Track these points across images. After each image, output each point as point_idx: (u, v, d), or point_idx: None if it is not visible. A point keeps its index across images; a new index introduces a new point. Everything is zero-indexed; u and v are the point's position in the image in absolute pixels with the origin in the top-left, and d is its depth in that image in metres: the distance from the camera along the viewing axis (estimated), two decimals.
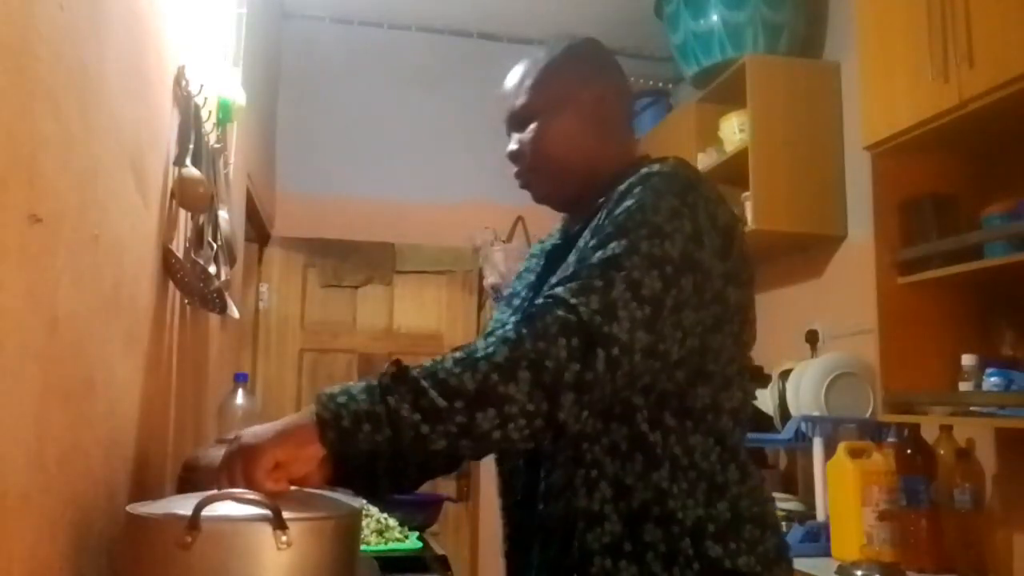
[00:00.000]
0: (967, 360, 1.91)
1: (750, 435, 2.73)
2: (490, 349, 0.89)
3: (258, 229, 3.34)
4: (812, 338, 2.81)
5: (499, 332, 0.92)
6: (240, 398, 1.82)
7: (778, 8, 2.90)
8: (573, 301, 0.91)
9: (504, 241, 3.80)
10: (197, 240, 1.55)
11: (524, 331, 0.90)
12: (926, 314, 2.04)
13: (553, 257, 1.19)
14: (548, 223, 4.24)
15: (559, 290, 0.93)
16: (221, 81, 1.78)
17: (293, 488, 0.95)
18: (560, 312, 0.90)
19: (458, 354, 0.92)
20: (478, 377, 0.88)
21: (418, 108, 3.89)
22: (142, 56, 1.24)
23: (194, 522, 0.84)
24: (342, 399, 0.90)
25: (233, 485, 0.89)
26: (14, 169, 0.77)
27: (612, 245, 0.96)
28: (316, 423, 0.88)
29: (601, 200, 1.09)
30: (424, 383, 0.89)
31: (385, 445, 0.88)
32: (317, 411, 0.89)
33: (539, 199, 1.26)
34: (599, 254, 0.96)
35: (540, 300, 0.94)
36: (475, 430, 0.87)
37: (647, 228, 0.97)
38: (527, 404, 0.87)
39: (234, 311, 1.69)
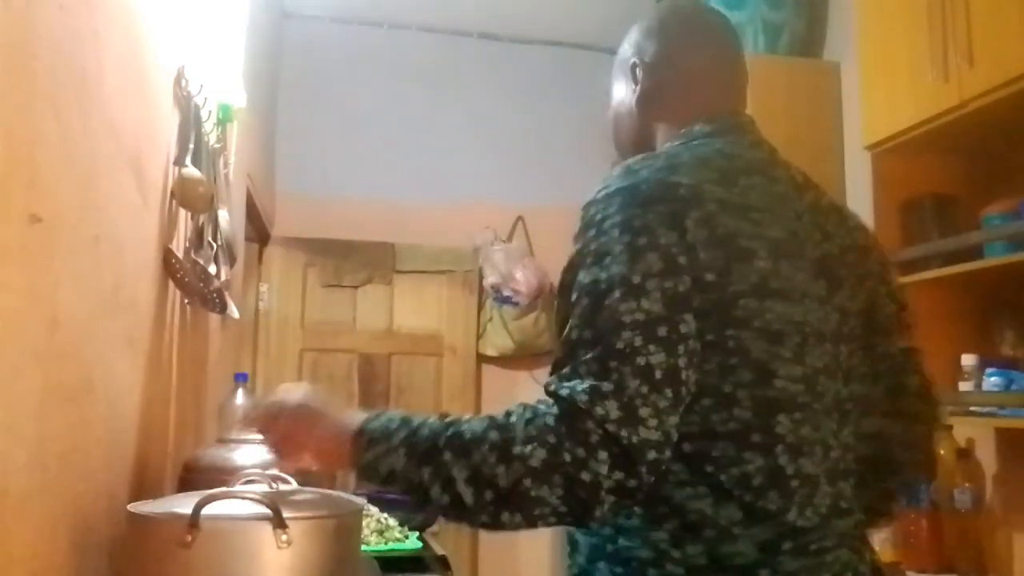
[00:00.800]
0: (967, 360, 1.90)
1: None
2: (527, 448, 0.81)
3: (258, 229, 3.34)
4: None
5: (540, 418, 0.83)
6: (240, 398, 1.82)
7: (778, 8, 2.90)
8: (598, 412, 0.80)
9: (504, 241, 3.80)
10: (197, 240, 1.55)
11: (563, 433, 0.81)
12: (926, 314, 2.04)
13: None
14: (548, 223, 4.27)
15: (579, 395, 0.81)
16: (221, 81, 1.78)
17: (293, 488, 0.95)
18: (590, 424, 0.80)
19: (494, 436, 0.83)
20: (512, 477, 0.81)
21: (418, 108, 3.89)
22: (142, 56, 1.24)
23: (194, 521, 0.84)
24: (381, 448, 0.89)
25: (264, 433, 0.99)
26: (14, 169, 0.77)
27: (592, 323, 0.84)
28: (354, 458, 0.91)
29: None
30: (456, 469, 0.84)
31: (412, 503, 0.89)
32: (358, 451, 0.90)
33: None
34: (587, 336, 0.84)
35: (572, 393, 0.82)
36: (497, 525, 0.84)
37: (618, 288, 0.84)
38: (560, 507, 0.81)
39: (234, 311, 1.69)
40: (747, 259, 0.88)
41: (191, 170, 1.38)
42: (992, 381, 1.83)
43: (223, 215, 1.70)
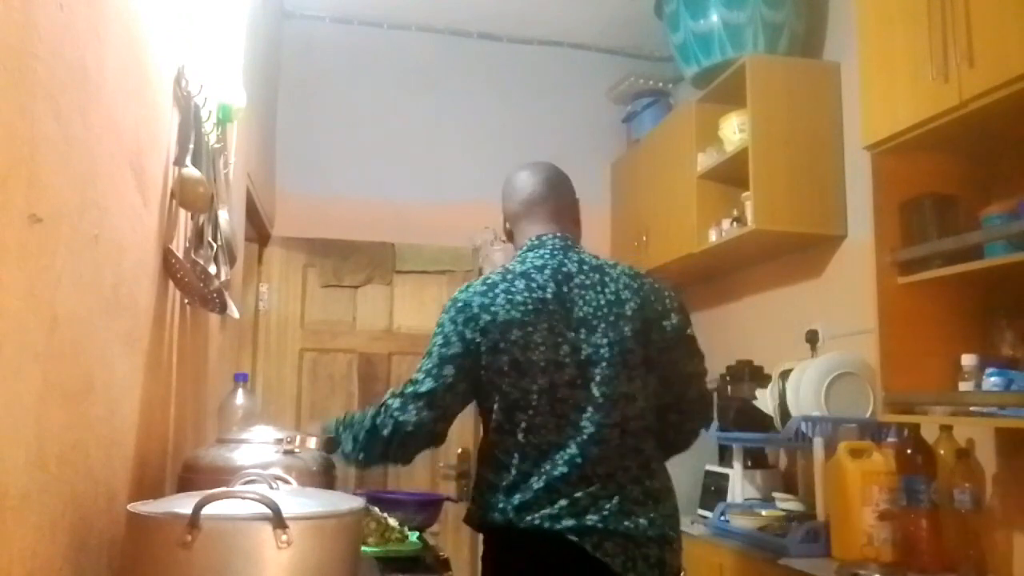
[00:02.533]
0: (967, 360, 1.90)
1: (751, 435, 2.72)
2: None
3: (258, 229, 3.34)
4: (812, 338, 2.81)
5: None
6: (240, 398, 1.82)
7: (778, 8, 2.90)
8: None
9: (504, 241, 3.80)
10: (197, 240, 1.55)
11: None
12: (926, 314, 2.04)
13: None
14: None
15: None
16: (221, 81, 1.78)
17: (293, 488, 0.95)
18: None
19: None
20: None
21: (418, 108, 3.89)
22: (142, 56, 1.24)
23: (194, 521, 0.84)
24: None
25: None
26: (14, 169, 0.77)
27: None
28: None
29: None
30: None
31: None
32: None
33: None
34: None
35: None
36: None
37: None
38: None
39: (234, 311, 1.69)
40: (487, 332, 1.59)
41: (191, 170, 1.38)
42: (992, 381, 1.83)
43: (223, 215, 1.70)
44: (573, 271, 1.66)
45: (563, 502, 1.52)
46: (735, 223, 2.89)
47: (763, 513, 2.54)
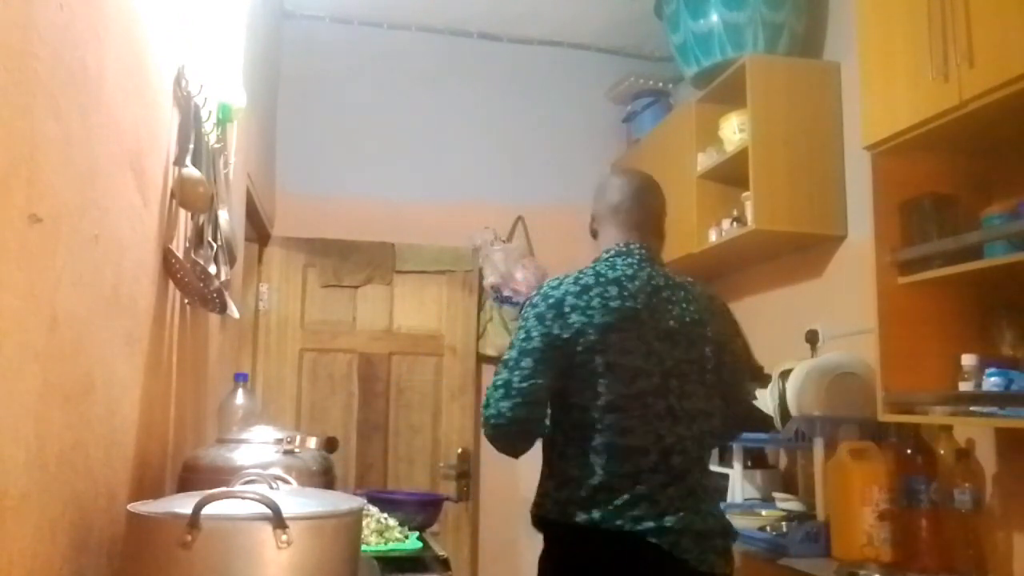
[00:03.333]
0: (967, 360, 1.90)
1: (751, 435, 2.73)
2: None
3: (258, 229, 3.34)
4: (812, 338, 2.81)
5: None
6: (240, 398, 1.82)
7: (778, 8, 2.89)
8: None
9: (504, 241, 3.80)
10: (197, 240, 1.55)
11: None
12: (926, 314, 2.04)
13: None
14: (548, 224, 4.27)
15: None
16: (221, 81, 1.78)
17: (293, 488, 0.95)
18: None
19: None
20: None
21: (418, 108, 3.89)
22: (142, 56, 1.24)
23: (194, 521, 0.84)
24: None
25: None
26: (14, 169, 0.77)
27: None
28: None
29: None
30: None
31: None
32: None
33: None
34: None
35: None
36: None
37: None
38: None
39: (234, 311, 1.69)
40: (583, 333, 1.66)
41: (191, 170, 1.38)
42: (992, 381, 1.83)
43: (223, 215, 1.70)
44: (661, 284, 1.75)
45: (645, 504, 1.62)
46: (735, 223, 2.89)
47: (763, 513, 2.54)
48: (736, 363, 1.80)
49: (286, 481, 1.09)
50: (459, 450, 3.61)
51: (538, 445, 1.76)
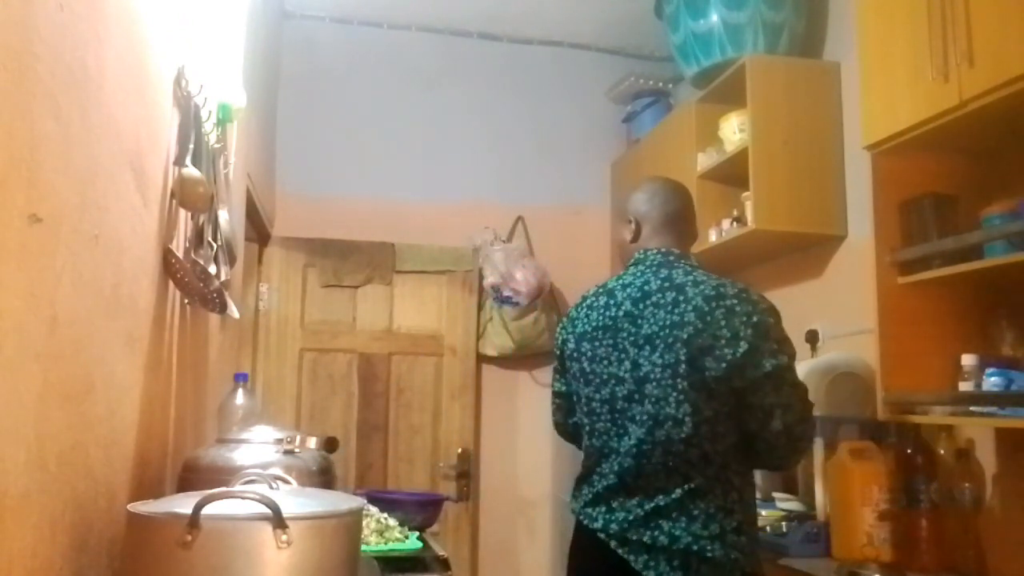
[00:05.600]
0: (967, 360, 1.90)
1: None
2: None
3: (258, 229, 3.34)
4: (812, 338, 2.81)
5: None
6: (240, 398, 1.82)
7: (778, 8, 2.89)
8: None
9: (504, 241, 3.80)
10: (197, 240, 1.55)
11: None
12: (926, 314, 2.04)
13: None
14: (548, 224, 4.28)
15: None
16: (221, 81, 1.78)
17: (293, 488, 0.95)
18: None
19: None
20: None
21: (418, 108, 3.89)
22: (142, 56, 1.24)
23: (194, 521, 0.84)
24: None
25: None
26: (14, 169, 0.77)
27: None
28: None
29: None
30: None
31: None
32: None
33: None
34: None
35: None
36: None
37: None
38: None
39: (234, 311, 1.69)
40: (567, 342, 1.85)
41: (191, 170, 1.38)
42: (992, 381, 1.83)
43: (223, 215, 1.70)
44: (653, 289, 1.71)
45: (602, 506, 1.70)
46: (735, 223, 2.89)
47: (763, 513, 2.53)
48: (726, 369, 1.59)
49: (286, 481, 1.09)
50: (459, 450, 3.61)
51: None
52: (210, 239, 1.59)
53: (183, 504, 0.88)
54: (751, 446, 1.67)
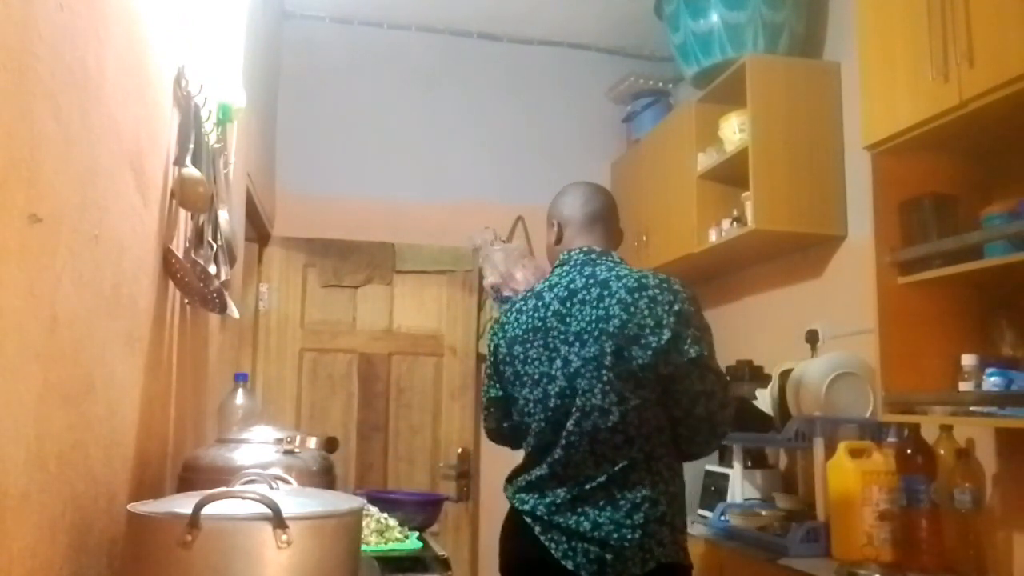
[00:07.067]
0: (967, 360, 1.90)
1: (751, 435, 2.72)
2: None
3: (258, 229, 3.34)
4: (812, 338, 2.81)
5: None
6: (240, 398, 1.82)
7: (778, 8, 2.90)
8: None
9: (504, 241, 3.80)
10: (197, 240, 1.55)
11: None
12: (926, 314, 2.04)
13: None
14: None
15: None
16: (221, 81, 1.78)
17: (293, 488, 0.95)
18: None
19: None
20: None
21: (418, 108, 3.89)
22: (142, 56, 1.24)
23: (194, 521, 0.84)
24: None
25: None
26: (14, 169, 0.77)
27: None
28: None
29: None
30: None
31: None
32: None
33: None
34: None
35: None
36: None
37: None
38: None
39: (234, 311, 1.69)
40: (499, 347, 1.86)
41: (191, 170, 1.38)
42: (992, 381, 1.83)
43: (223, 215, 1.70)
44: (578, 287, 1.75)
45: (534, 492, 1.73)
46: (735, 223, 2.89)
47: (763, 513, 2.54)
48: (652, 357, 1.63)
49: (286, 481, 1.09)
50: (459, 450, 3.61)
51: None
52: (210, 239, 1.59)
53: (183, 504, 0.88)
54: (676, 432, 1.73)
